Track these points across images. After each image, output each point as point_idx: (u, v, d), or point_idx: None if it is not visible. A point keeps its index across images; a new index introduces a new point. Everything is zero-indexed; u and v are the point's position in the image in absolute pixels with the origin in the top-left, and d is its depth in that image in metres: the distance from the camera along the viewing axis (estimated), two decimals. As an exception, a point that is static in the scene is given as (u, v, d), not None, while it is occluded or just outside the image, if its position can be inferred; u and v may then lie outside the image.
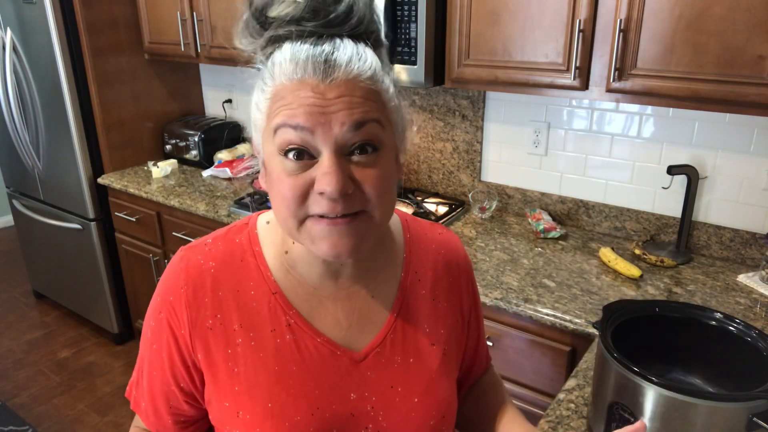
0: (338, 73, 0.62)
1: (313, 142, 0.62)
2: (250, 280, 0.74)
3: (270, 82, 0.65)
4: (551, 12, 1.61)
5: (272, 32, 0.65)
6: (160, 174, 2.76)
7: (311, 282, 0.75)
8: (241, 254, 0.76)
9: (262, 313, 0.73)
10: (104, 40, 2.69)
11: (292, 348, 0.73)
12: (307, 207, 0.63)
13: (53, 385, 2.83)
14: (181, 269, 0.74)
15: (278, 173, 0.64)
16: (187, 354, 0.73)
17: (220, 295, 0.73)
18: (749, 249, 1.77)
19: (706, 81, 1.43)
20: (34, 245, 3.37)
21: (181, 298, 0.73)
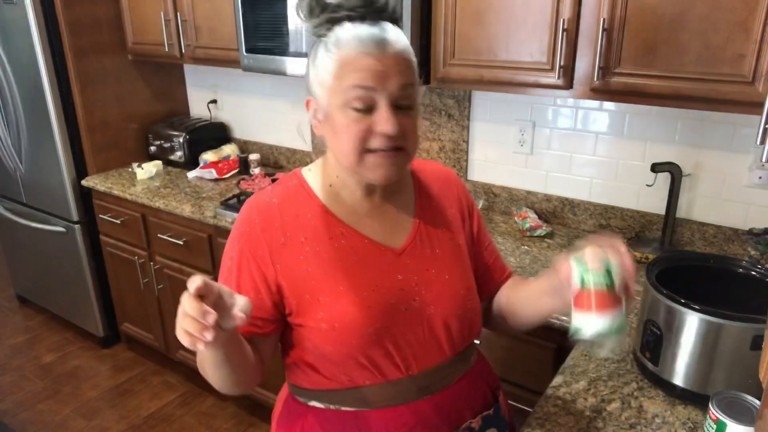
0: (390, 48, 0.86)
1: (375, 97, 0.86)
2: (306, 206, 0.98)
3: (335, 50, 0.87)
4: (535, 12, 1.62)
5: (330, 14, 0.87)
6: (144, 176, 2.74)
7: (352, 204, 0.99)
8: (295, 192, 0.99)
9: (320, 228, 0.96)
10: (87, 40, 2.66)
11: (347, 248, 0.96)
12: (368, 144, 0.88)
13: (38, 390, 2.80)
14: (252, 207, 0.98)
15: (344, 121, 0.88)
16: (267, 271, 0.94)
17: (285, 220, 0.96)
18: (732, 245, 1.80)
19: (688, 80, 1.45)
20: (17, 249, 3.33)
21: (256, 227, 0.95)
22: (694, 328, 1.12)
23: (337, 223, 0.97)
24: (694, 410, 1.16)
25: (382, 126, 0.86)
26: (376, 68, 0.85)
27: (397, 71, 0.86)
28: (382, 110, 0.86)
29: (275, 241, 0.95)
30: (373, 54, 0.85)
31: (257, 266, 0.94)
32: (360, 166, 0.90)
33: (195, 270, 2.44)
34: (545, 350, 1.55)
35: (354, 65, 0.85)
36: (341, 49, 0.86)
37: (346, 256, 0.96)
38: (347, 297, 0.93)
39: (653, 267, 1.26)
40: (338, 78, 0.87)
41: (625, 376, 1.27)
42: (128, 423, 2.56)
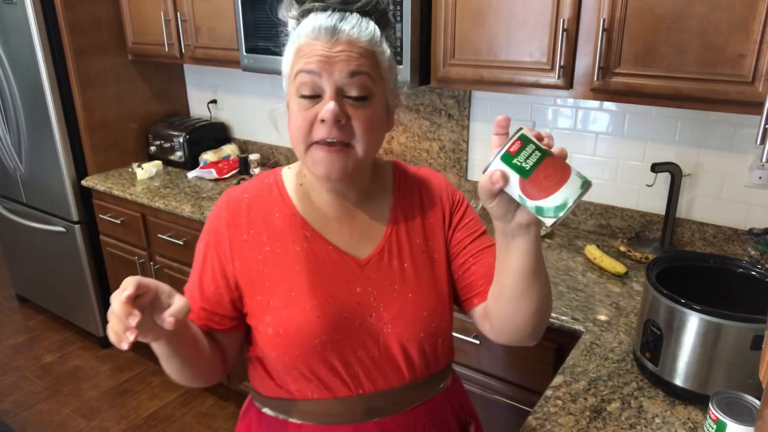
0: (342, 35, 0.83)
1: (320, 83, 0.83)
2: (276, 206, 0.96)
3: (296, 40, 0.86)
4: (535, 12, 1.62)
5: (304, 6, 0.87)
6: (144, 176, 2.74)
7: (321, 206, 0.96)
8: (269, 189, 0.98)
9: (285, 229, 0.94)
10: (87, 40, 2.66)
11: (309, 253, 0.93)
12: (312, 134, 0.84)
13: (38, 390, 2.80)
14: (224, 200, 0.97)
15: (295, 110, 0.86)
16: (227, 266, 0.93)
17: (252, 217, 0.94)
18: (732, 245, 1.80)
19: (688, 80, 1.45)
20: (17, 249, 3.33)
21: (222, 221, 0.95)
22: (694, 328, 1.12)
23: (303, 226, 0.94)
24: (694, 410, 1.16)
25: (323, 112, 0.82)
26: (323, 53, 0.82)
27: (347, 57, 0.83)
28: (326, 98, 0.83)
29: (238, 237, 0.93)
30: (322, 39, 0.83)
31: (219, 260, 0.94)
32: (306, 158, 0.87)
33: (195, 270, 2.44)
34: (545, 350, 1.55)
35: (304, 51, 0.84)
36: (299, 38, 0.86)
37: (305, 262, 0.92)
38: (297, 304, 0.90)
39: (653, 267, 1.26)
40: (292, 66, 0.87)
41: (625, 376, 1.27)
42: (128, 423, 2.56)
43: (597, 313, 1.52)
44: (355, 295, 0.93)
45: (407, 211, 1.00)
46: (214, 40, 2.42)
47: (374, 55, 0.86)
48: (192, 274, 0.97)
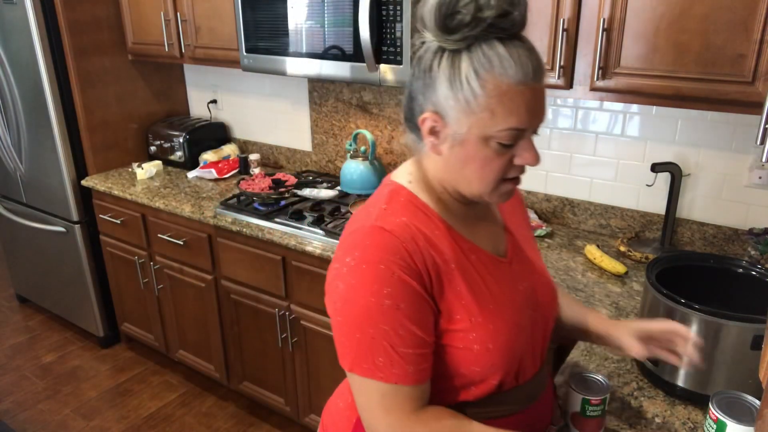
0: (542, 73, 0.81)
1: (524, 134, 0.82)
2: (431, 224, 0.88)
3: (486, 76, 0.77)
4: (535, 11, 1.61)
5: (470, 32, 0.77)
6: (144, 176, 2.74)
7: (460, 217, 0.93)
8: (413, 208, 0.89)
9: (454, 246, 0.89)
10: (87, 40, 2.66)
11: (481, 264, 0.91)
12: (505, 174, 0.84)
13: (38, 390, 2.80)
14: (389, 232, 0.84)
15: (485, 154, 0.82)
16: (427, 292, 0.85)
17: (423, 241, 0.86)
18: (732, 245, 1.80)
19: (688, 79, 1.45)
20: (17, 249, 3.33)
21: (405, 252, 0.83)
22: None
23: (463, 240, 0.91)
24: (694, 410, 1.16)
25: (528, 159, 0.83)
26: (533, 105, 0.79)
27: (543, 104, 0.82)
28: (527, 142, 0.82)
29: (425, 264, 0.85)
30: (530, 85, 0.78)
31: (426, 294, 0.84)
32: (491, 194, 0.86)
33: (195, 270, 2.44)
34: (545, 350, 1.55)
35: (513, 101, 0.78)
36: (496, 76, 0.77)
37: (484, 273, 0.91)
38: (498, 315, 0.89)
39: (653, 267, 1.26)
40: (491, 111, 0.78)
41: (625, 376, 1.27)
42: (128, 423, 2.56)
43: (597, 313, 1.52)
44: (522, 293, 0.94)
45: (510, 211, 1.05)
46: (214, 40, 2.42)
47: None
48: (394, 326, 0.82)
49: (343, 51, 1.96)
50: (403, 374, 0.83)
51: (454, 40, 0.78)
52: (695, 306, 1.11)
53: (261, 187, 2.34)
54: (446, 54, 0.79)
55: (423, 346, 0.84)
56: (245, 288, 2.29)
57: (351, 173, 2.34)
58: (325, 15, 1.96)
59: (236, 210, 2.25)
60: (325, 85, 2.56)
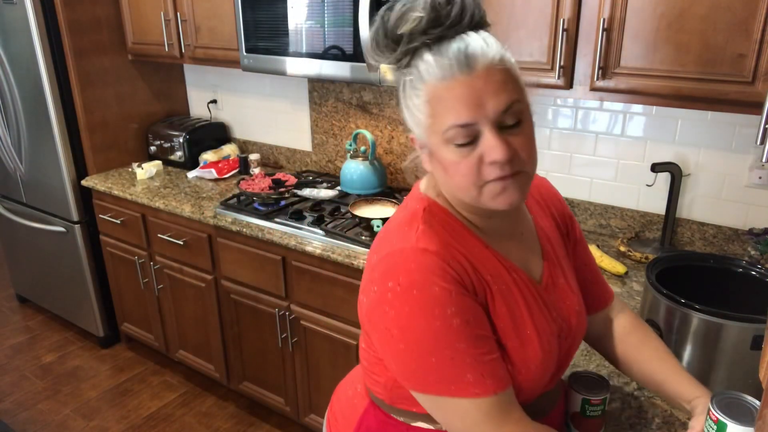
0: (477, 63, 0.76)
1: (477, 128, 0.77)
2: (468, 241, 0.86)
3: (421, 85, 0.79)
4: (535, 11, 1.62)
5: (405, 47, 0.79)
6: (144, 176, 2.74)
7: (491, 233, 0.90)
8: (449, 226, 0.87)
9: (490, 263, 0.87)
10: (87, 40, 2.66)
11: (522, 284, 0.89)
12: (483, 176, 0.79)
13: (38, 390, 2.80)
14: (433, 253, 0.82)
15: (451, 159, 0.80)
16: (481, 303, 0.84)
17: (464, 259, 0.84)
18: (732, 245, 1.80)
19: (688, 79, 1.45)
20: (17, 249, 3.33)
21: (452, 272, 0.81)
22: (694, 328, 1.12)
23: (500, 256, 0.88)
24: (694, 410, 1.16)
25: (491, 155, 0.77)
26: (468, 97, 0.76)
27: (494, 92, 0.76)
28: (487, 137, 0.77)
29: (472, 279, 0.84)
30: (459, 79, 0.76)
31: (480, 304, 0.84)
32: (480, 198, 0.82)
33: (195, 270, 2.44)
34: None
35: (445, 100, 0.77)
36: (426, 83, 0.78)
37: (526, 295, 0.88)
38: (534, 341, 0.86)
39: (653, 267, 1.26)
40: (432, 116, 0.79)
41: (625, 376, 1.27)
42: (128, 423, 2.56)
43: (597, 313, 1.52)
44: (554, 321, 0.91)
45: (545, 220, 1.00)
46: (214, 40, 2.41)
47: (511, 71, 0.80)
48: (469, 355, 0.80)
49: (343, 51, 1.96)
50: (497, 381, 0.82)
51: (391, 62, 0.81)
52: (695, 306, 1.11)
53: (261, 187, 2.34)
54: (400, 78, 0.83)
55: (497, 349, 0.84)
56: (245, 288, 2.29)
57: (351, 173, 2.34)
58: (325, 15, 1.96)
59: (236, 210, 2.25)
60: (325, 85, 2.57)
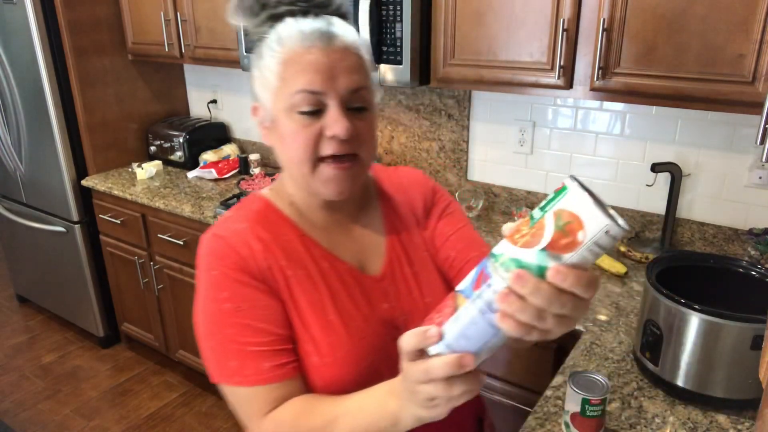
0: (337, 40, 0.79)
1: (324, 99, 0.79)
2: (280, 229, 0.87)
3: (279, 48, 0.80)
4: (535, 12, 1.62)
5: (271, 11, 0.81)
6: (144, 176, 2.74)
7: (319, 224, 0.90)
8: (263, 215, 0.88)
9: (300, 251, 0.87)
10: (87, 40, 2.66)
11: (333, 273, 0.88)
12: (319, 150, 0.80)
13: (38, 390, 2.80)
14: (222, 238, 0.84)
15: (293, 127, 0.80)
16: (273, 292, 0.83)
17: (264, 244, 0.84)
18: (732, 245, 1.80)
19: (688, 79, 1.45)
20: (17, 249, 3.32)
21: (237, 255, 0.82)
22: (694, 328, 1.12)
23: (316, 246, 0.89)
24: (694, 410, 1.16)
25: (333, 128, 0.78)
26: (323, 66, 0.77)
27: (347, 69, 0.79)
28: (332, 111, 0.78)
29: (260, 266, 0.83)
30: (318, 47, 0.78)
31: (271, 292, 0.83)
32: (312, 177, 0.82)
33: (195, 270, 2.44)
34: (545, 350, 1.55)
35: (299, 63, 0.78)
36: (284, 45, 0.79)
37: (333, 282, 0.87)
38: (338, 330, 0.85)
39: (653, 267, 1.26)
40: (283, 79, 0.80)
41: (625, 376, 1.27)
42: (128, 423, 2.56)
43: (597, 313, 1.52)
44: (384, 311, 0.90)
45: (398, 214, 0.98)
46: (214, 40, 2.41)
47: (365, 62, 0.83)
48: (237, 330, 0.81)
49: (343, 51, 1.96)
50: (258, 373, 0.80)
51: (254, 25, 0.83)
52: (695, 306, 1.11)
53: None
54: (257, 44, 0.84)
55: (278, 341, 0.82)
56: (245, 288, 2.28)
57: (351, 173, 2.34)
58: (325, 15, 1.96)
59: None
60: (325, 85, 2.56)
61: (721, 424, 1.13)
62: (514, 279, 0.52)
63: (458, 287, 0.58)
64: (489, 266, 0.55)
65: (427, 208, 1.01)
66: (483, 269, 0.56)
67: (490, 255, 0.56)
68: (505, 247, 0.54)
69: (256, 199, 0.91)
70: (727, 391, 1.13)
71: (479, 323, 0.55)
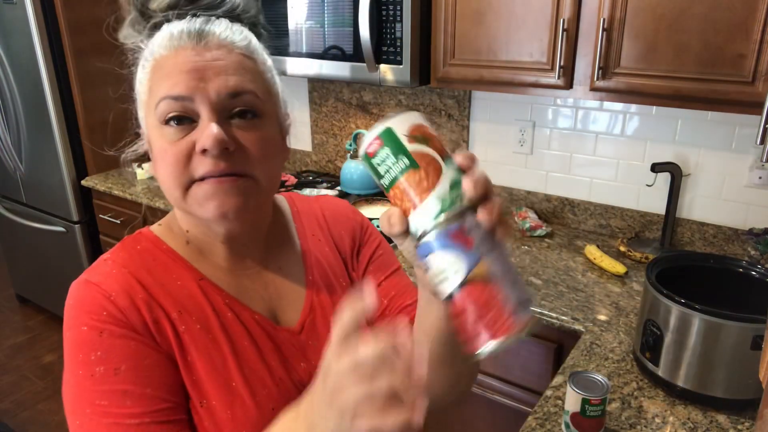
0: (212, 38, 0.66)
1: (194, 106, 0.64)
2: (172, 273, 0.72)
3: (150, 57, 0.67)
4: (535, 11, 1.62)
5: (154, 20, 0.69)
6: (144, 176, 2.74)
7: (223, 265, 0.75)
8: (150, 255, 0.72)
9: (197, 297, 0.71)
10: (87, 40, 2.66)
11: (238, 324, 0.72)
12: (191, 171, 0.64)
13: (38, 390, 2.80)
14: (95, 285, 0.67)
15: (161, 144, 0.65)
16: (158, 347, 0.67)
17: (144, 294, 0.68)
18: (732, 245, 1.80)
19: (688, 79, 1.45)
20: (17, 249, 3.33)
21: (114, 308, 0.65)
22: (694, 328, 1.12)
23: (218, 292, 0.73)
24: (694, 410, 1.16)
25: (201, 140, 0.62)
26: (190, 65, 0.64)
27: (223, 69, 0.64)
28: (204, 120, 0.64)
29: (143, 320, 0.66)
30: (187, 47, 0.65)
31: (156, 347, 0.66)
32: (187, 202, 0.66)
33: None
34: (545, 350, 1.55)
35: (164, 68, 0.65)
36: (154, 52, 0.67)
37: (237, 336, 0.71)
38: (242, 396, 0.68)
39: (653, 267, 1.26)
40: (149, 90, 0.67)
41: (625, 376, 1.27)
42: (128, 423, 2.56)
43: (597, 313, 1.52)
44: (301, 371, 0.75)
45: (320, 254, 0.84)
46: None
47: (255, 63, 0.69)
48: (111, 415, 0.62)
49: (343, 51, 1.96)
50: None
51: (140, 38, 0.71)
52: (695, 306, 1.11)
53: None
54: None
55: (167, 411, 0.64)
56: (245, 288, 2.28)
57: (351, 173, 2.34)
58: (325, 15, 1.96)
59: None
60: (325, 85, 2.56)
61: (721, 424, 1.13)
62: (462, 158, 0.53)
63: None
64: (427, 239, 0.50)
65: (355, 247, 0.87)
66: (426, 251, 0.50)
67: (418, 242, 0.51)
68: (421, 212, 0.51)
69: (142, 238, 0.75)
70: (727, 391, 1.13)
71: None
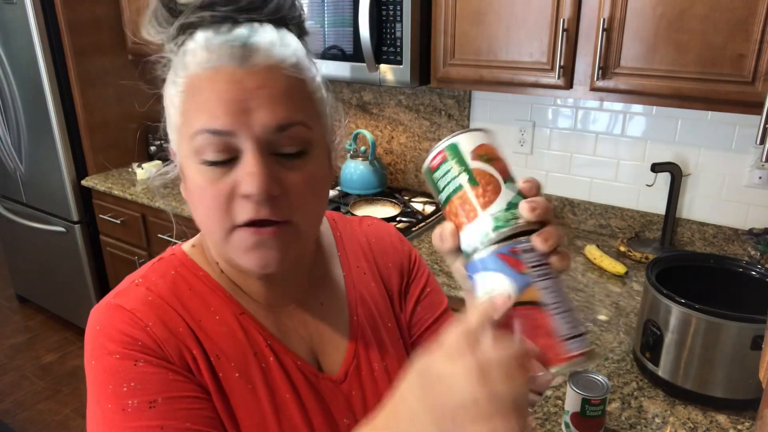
0: (258, 58, 0.55)
1: (236, 142, 0.55)
2: (210, 306, 0.64)
3: (182, 72, 0.58)
4: (535, 11, 1.61)
5: (183, 19, 0.58)
6: (144, 176, 2.74)
7: (259, 299, 0.67)
8: (186, 284, 0.65)
9: (237, 337, 0.63)
10: (87, 40, 2.66)
11: (279, 371, 0.64)
12: (233, 216, 0.57)
13: (38, 390, 2.80)
14: (129, 313, 0.61)
15: (198, 181, 0.58)
16: (196, 380, 0.61)
17: (187, 328, 0.61)
18: (732, 245, 1.80)
19: (688, 79, 1.45)
20: (17, 249, 3.32)
21: (149, 339, 0.59)
22: (694, 328, 1.12)
23: (258, 330, 0.65)
24: (694, 410, 1.16)
25: (244, 185, 0.55)
26: (232, 94, 0.54)
27: (269, 99, 0.55)
28: (246, 159, 0.55)
29: (179, 355, 0.60)
30: (228, 69, 0.55)
31: (194, 379, 0.60)
32: (227, 246, 0.59)
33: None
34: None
35: (201, 92, 0.56)
36: (188, 69, 0.57)
37: (278, 388, 0.64)
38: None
39: (653, 267, 1.26)
40: (184, 114, 0.58)
41: (625, 376, 1.27)
42: (128, 423, 2.56)
43: (597, 313, 1.52)
44: (343, 428, 0.67)
45: (365, 290, 0.75)
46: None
47: (304, 84, 0.59)
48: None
49: (343, 51, 1.96)
50: None
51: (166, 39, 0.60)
52: (695, 306, 1.11)
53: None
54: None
55: None
56: (245, 288, 2.28)
57: (351, 173, 2.34)
58: (325, 15, 1.96)
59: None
60: (325, 85, 2.56)
61: (721, 424, 1.13)
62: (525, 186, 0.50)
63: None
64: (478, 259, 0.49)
65: (403, 283, 0.79)
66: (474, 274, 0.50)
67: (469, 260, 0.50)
68: (473, 229, 0.49)
69: (176, 261, 0.67)
70: (727, 391, 1.13)
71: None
